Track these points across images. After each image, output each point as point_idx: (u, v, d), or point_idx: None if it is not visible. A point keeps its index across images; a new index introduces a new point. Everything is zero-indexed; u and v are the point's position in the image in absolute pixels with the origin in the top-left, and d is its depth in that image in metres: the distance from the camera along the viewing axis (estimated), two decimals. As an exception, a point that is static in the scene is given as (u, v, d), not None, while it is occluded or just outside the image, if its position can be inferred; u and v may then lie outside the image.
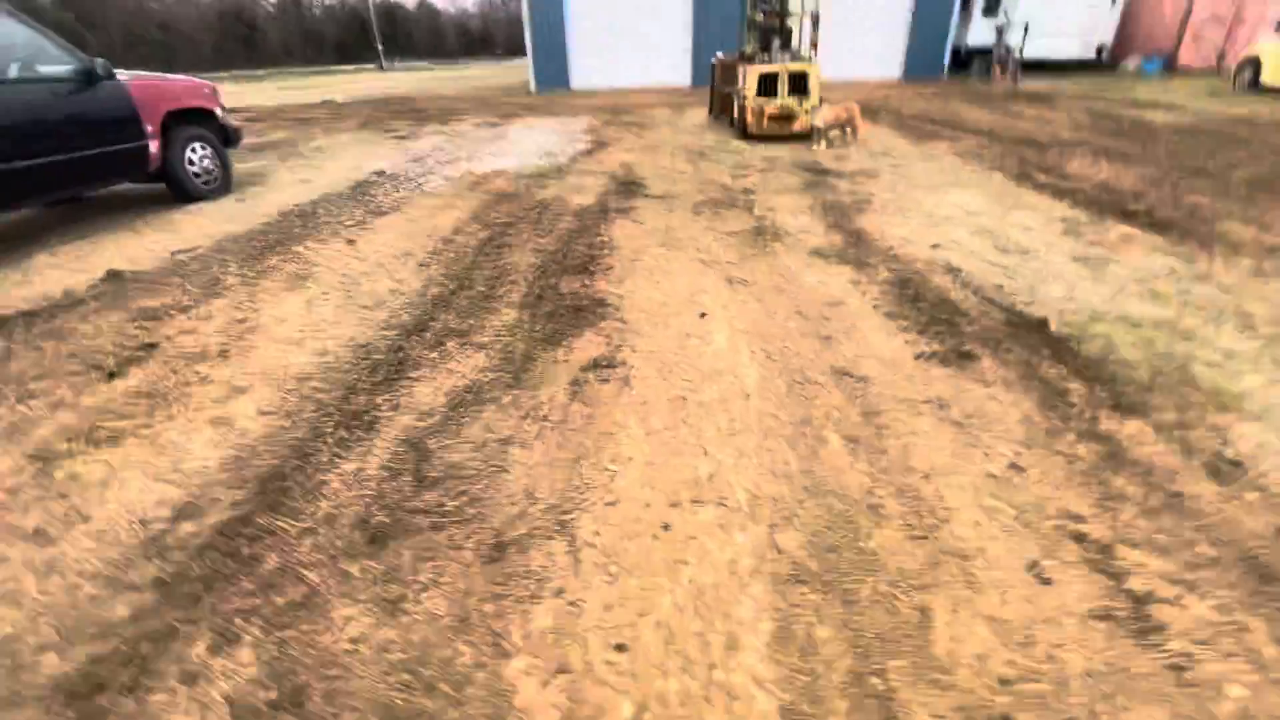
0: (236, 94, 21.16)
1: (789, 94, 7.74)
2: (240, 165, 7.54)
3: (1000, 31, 16.04)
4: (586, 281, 3.54)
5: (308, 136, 9.91)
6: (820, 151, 7.17)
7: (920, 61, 17.95)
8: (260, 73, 40.97)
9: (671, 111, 12.01)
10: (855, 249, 3.90)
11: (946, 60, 17.93)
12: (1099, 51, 18.59)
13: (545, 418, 2.29)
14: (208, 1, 56.11)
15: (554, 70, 18.68)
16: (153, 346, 2.96)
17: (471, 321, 3.09)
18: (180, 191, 5.72)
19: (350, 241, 4.43)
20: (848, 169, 6.23)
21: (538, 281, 3.58)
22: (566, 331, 2.95)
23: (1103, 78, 17.15)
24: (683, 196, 5.42)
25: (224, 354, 2.87)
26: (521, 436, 2.19)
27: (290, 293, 3.55)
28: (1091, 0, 17.79)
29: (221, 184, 6.07)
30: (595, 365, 2.63)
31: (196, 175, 5.78)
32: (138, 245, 4.50)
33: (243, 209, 5.46)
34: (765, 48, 7.93)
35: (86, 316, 3.31)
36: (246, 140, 9.55)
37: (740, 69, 8.21)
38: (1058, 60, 18.53)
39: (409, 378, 2.59)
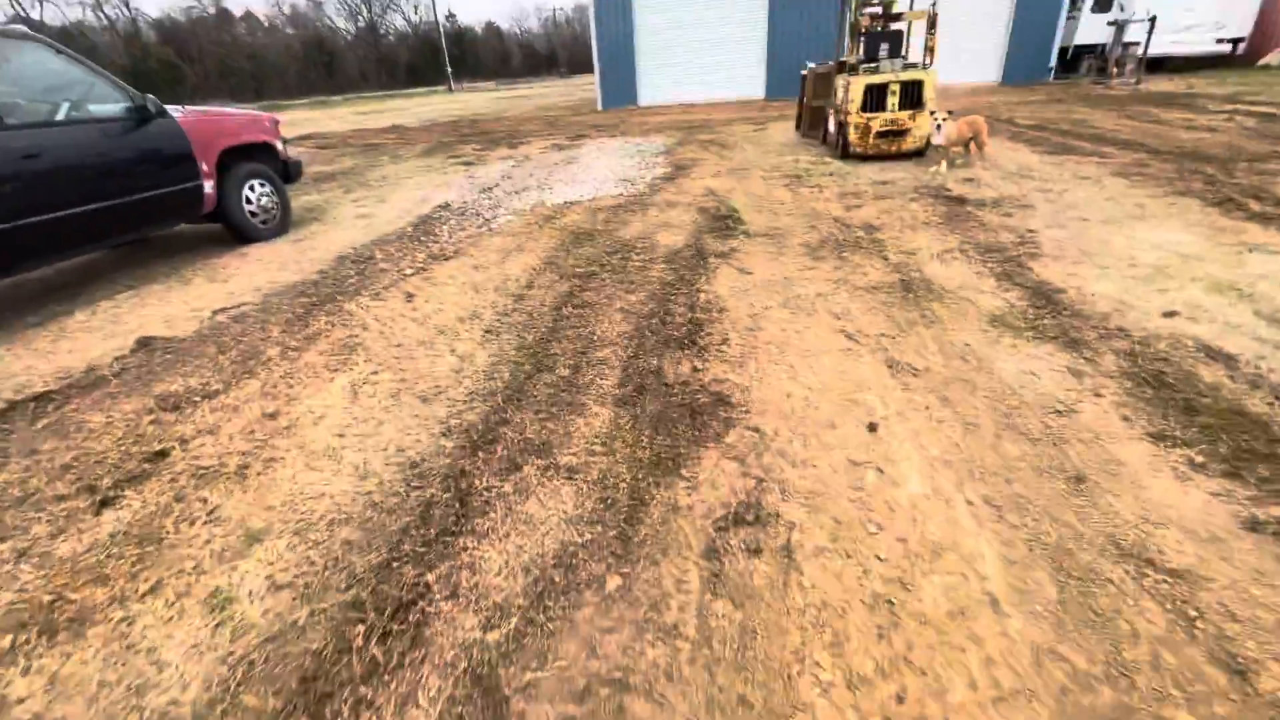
0: (312, 120, 21.80)
1: (899, 107, 6.75)
2: (304, 198, 7.21)
3: (1120, 27, 14.36)
4: (697, 364, 2.73)
5: (374, 164, 9.64)
6: (942, 174, 6.14)
7: (1022, 63, 16.40)
8: (337, 98, 42.87)
9: (751, 127, 11.16)
10: (1051, 315, 2.93)
11: (1053, 61, 16.29)
12: (1234, 45, 16.48)
13: (675, 630, 1.48)
14: (292, 33, 59.69)
15: (621, 87, 18.22)
16: (162, 455, 2.35)
17: (553, 426, 2.34)
18: (237, 233, 5.32)
19: (409, 297, 3.81)
20: (988, 196, 5.20)
21: (634, 361, 2.80)
22: (683, 449, 2.15)
23: (1241, 74, 15.13)
24: (791, 234, 4.56)
25: (243, 471, 2.22)
26: (644, 670, 1.39)
27: (335, 372, 2.91)
28: (1224, -12, 15.79)
29: (280, 222, 5.66)
30: (736, 519, 1.81)
31: (254, 214, 5.37)
32: (181, 300, 4.03)
33: (298, 252, 4.98)
34: (871, 55, 6.99)
35: (101, 402, 2.77)
36: (313, 169, 9.37)
37: (840, 80, 7.29)
38: (1183, 56, 16.55)
39: (473, 532, 1.84)
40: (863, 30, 6.94)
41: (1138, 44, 15.02)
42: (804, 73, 8.99)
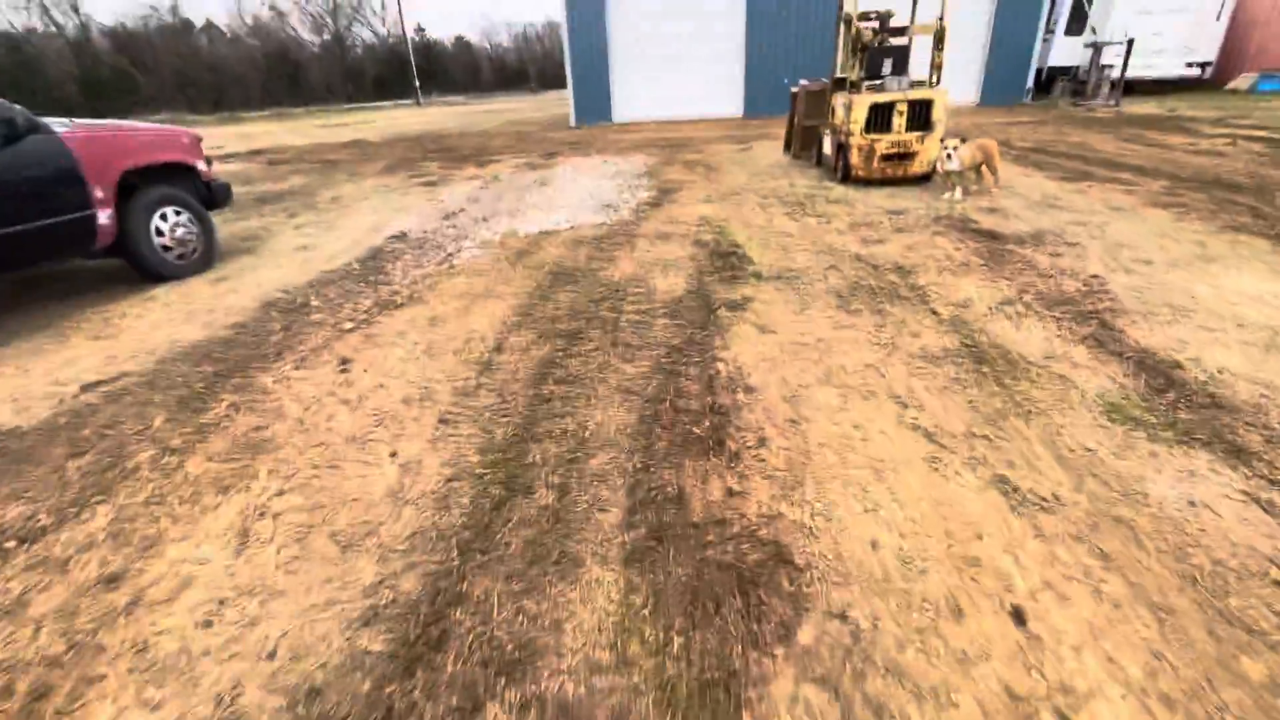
0: (270, 133, 20.67)
1: (907, 128, 6.19)
2: (241, 223, 6.31)
3: (1097, 49, 14.31)
4: (733, 482, 1.98)
5: (328, 183, 8.74)
6: (958, 201, 5.56)
7: (999, 84, 16.29)
8: (299, 110, 41.62)
9: (735, 147, 10.58)
10: (1184, 405, 2.27)
11: (1030, 82, 16.23)
12: (1202, 69, 16.65)
13: None
14: (255, 44, 58.04)
15: (595, 102, 17.59)
16: (-85, 667, 1.49)
17: (534, 608, 1.55)
18: (144, 270, 4.42)
19: (343, 365, 2.98)
20: (1022, 230, 4.60)
21: (644, 476, 2.03)
22: (738, 661, 1.39)
23: (1213, 97, 15.22)
24: (810, 277, 3.87)
25: (31, 712, 1.38)
26: None
27: (224, 494, 2.07)
28: (1195, 13, 15.92)
29: (202, 256, 4.76)
30: (856, 845, 1.05)
31: (167, 248, 4.47)
32: (46, 367, 3.13)
33: (215, 296, 4.10)
34: (875, 73, 6.42)
35: None
36: (258, 189, 8.44)
37: (840, 99, 6.71)
38: (1153, 80, 16.64)
39: None
40: (865, 45, 6.36)
41: (1112, 66, 15.02)
42: (794, 90, 8.42)
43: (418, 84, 43.78)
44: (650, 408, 2.44)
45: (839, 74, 7.28)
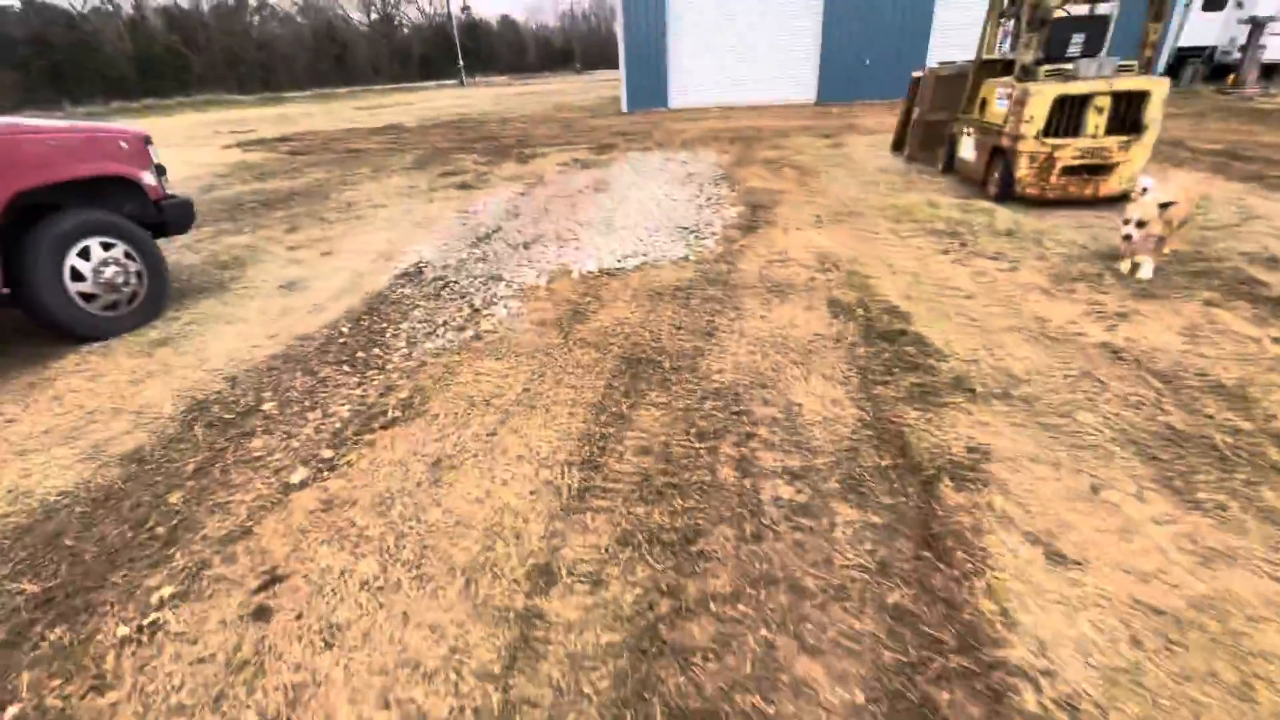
0: (307, 115, 19.77)
1: (1107, 131, 4.49)
2: (227, 239, 5.06)
3: (1257, 27, 11.96)
4: None
5: (348, 179, 7.47)
6: (1143, 279, 3.74)
7: (1123, 68, 13.97)
8: (342, 90, 41.06)
9: (822, 141, 8.89)
10: None
11: (1162, 65, 13.88)
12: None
13: None
14: (303, 22, 58.00)
15: (650, 86, 15.98)
16: None
17: None
18: (52, 328, 3.16)
19: (264, 599, 1.61)
20: (1368, 306, 2.93)
21: None
22: None
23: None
24: (1052, 392, 2.33)
25: None
26: None
27: None
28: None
29: (145, 303, 3.49)
30: None
31: (90, 297, 3.21)
32: None
33: (131, 384, 2.79)
34: (1055, 53, 4.72)
35: None
36: (270, 186, 7.22)
37: (996, 88, 5.03)
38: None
39: None
40: (1045, 14, 4.64)
41: (1265, 47, 12.68)
42: (917, 75, 6.72)
43: (462, 64, 42.69)
44: None
45: (987, 55, 5.58)
